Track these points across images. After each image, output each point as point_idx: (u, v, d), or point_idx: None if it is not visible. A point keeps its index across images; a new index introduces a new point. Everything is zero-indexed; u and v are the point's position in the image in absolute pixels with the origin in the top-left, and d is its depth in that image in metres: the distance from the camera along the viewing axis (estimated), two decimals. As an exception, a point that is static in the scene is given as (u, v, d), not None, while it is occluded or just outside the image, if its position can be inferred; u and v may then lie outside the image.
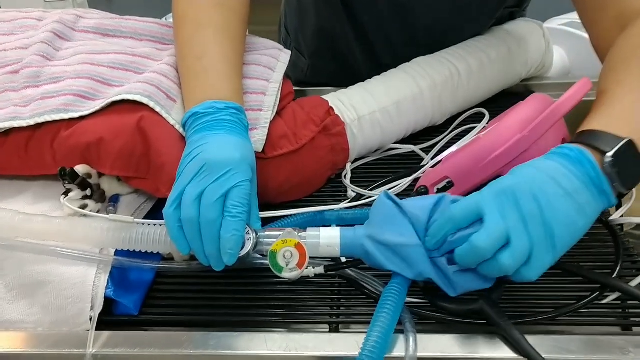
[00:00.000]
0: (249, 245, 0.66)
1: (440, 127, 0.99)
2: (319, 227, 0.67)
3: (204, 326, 0.70)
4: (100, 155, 0.74)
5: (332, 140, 0.86)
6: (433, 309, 0.67)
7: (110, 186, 0.79)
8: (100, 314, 0.66)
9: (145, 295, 0.71)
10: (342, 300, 0.72)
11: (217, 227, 0.61)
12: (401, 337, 0.63)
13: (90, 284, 0.67)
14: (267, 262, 0.62)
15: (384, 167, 0.95)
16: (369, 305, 0.71)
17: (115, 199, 0.79)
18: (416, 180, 0.87)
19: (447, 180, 0.78)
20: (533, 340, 0.59)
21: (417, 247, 0.61)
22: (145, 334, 0.66)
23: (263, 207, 0.74)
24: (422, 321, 0.67)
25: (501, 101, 1.04)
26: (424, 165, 0.88)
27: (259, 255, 0.74)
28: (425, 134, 0.98)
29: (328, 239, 0.66)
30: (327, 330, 0.69)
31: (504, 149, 0.72)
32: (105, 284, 0.68)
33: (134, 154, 0.73)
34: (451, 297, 0.63)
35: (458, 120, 0.97)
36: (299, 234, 0.67)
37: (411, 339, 0.62)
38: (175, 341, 0.65)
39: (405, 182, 0.88)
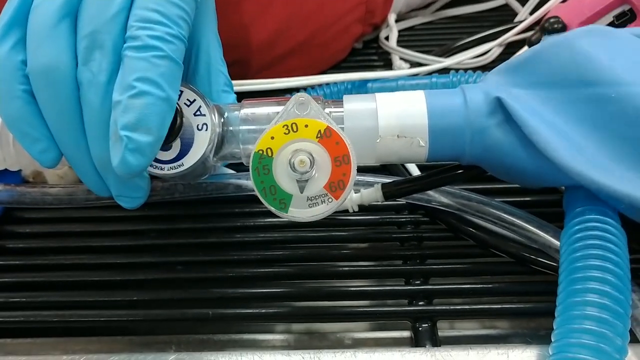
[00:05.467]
0: (203, 141, 0.27)
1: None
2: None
3: (96, 334, 0.29)
4: None
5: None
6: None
7: None
8: None
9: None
10: (429, 263, 0.31)
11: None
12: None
13: None
14: (249, 183, 0.29)
15: (445, 32, 0.57)
16: (498, 269, 0.31)
17: None
18: (512, 46, 0.50)
19: (619, 10, 0.39)
20: None
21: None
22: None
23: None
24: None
25: None
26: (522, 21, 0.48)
27: (229, 170, 0.35)
28: None
29: (399, 117, 0.26)
30: (408, 335, 0.28)
31: None
32: None
33: None
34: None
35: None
36: (327, 110, 0.27)
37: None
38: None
39: (499, 43, 0.47)
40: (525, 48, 0.43)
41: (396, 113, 0.26)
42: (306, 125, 0.25)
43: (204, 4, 0.30)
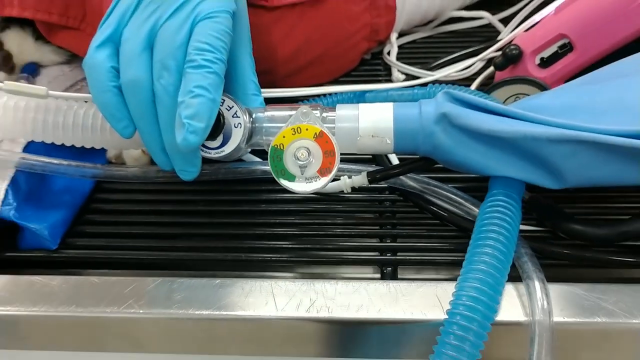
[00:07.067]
0: (238, 135, 0.38)
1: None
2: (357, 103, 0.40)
3: (167, 269, 0.43)
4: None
5: (371, -8, 0.59)
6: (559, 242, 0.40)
7: (21, 47, 0.50)
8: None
9: (73, 217, 0.46)
10: (398, 228, 0.43)
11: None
12: (512, 288, 0.36)
13: (-27, 196, 0.39)
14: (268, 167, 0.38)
15: (441, 46, 0.68)
16: (445, 234, 0.43)
17: (30, 70, 0.51)
18: (492, 61, 0.58)
19: (561, 42, 0.48)
20: None
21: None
22: (67, 280, 0.39)
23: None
24: (545, 261, 0.38)
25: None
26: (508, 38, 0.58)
27: (257, 159, 0.46)
28: (500, 1, 0.71)
29: (373, 122, 0.38)
30: (378, 276, 0.40)
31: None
32: (2, 198, 0.42)
33: None
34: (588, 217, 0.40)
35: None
36: (324, 114, 0.38)
37: (538, 291, 0.34)
38: (117, 294, 0.37)
39: (484, 56, 0.58)
40: (492, 68, 0.54)
41: (371, 118, 0.37)
42: (307, 129, 0.36)
43: (241, 34, 0.42)
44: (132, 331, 0.37)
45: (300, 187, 0.37)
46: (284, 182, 0.37)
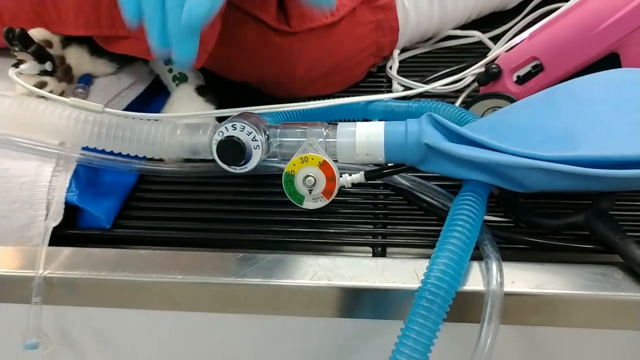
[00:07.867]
0: (258, 155, 0.48)
1: (510, 13, 0.80)
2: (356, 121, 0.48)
3: (198, 246, 0.52)
4: (57, 8, 0.55)
5: (377, 15, 0.68)
6: (519, 230, 0.49)
7: (79, 61, 0.59)
8: (59, 227, 0.51)
9: (122, 203, 0.55)
10: (389, 217, 0.52)
11: None
12: (476, 265, 0.45)
13: (44, 184, 0.51)
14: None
15: (439, 60, 0.76)
16: (427, 222, 0.52)
17: (86, 80, 0.60)
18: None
19: (534, 64, 0.57)
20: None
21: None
22: (119, 252, 0.48)
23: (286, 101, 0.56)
24: (507, 245, 0.47)
25: None
26: (493, 56, 0.66)
27: (274, 159, 0.55)
28: (492, 20, 0.80)
29: (367, 136, 0.46)
30: (370, 254, 0.49)
31: (628, 10, 0.51)
32: (67, 186, 0.52)
33: (100, 2, 0.54)
34: (544, 210, 0.48)
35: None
36: (327, 131, 0.47)
37: (494, 267, 0.42)
38: (159, 264, 0.47)
39: (470, 72, 0.66)
40: (475, 84, 0.62)
41: (365, 133, 0.46)
42: (312, 158, 0.45)
43: None
44: (171, 293, 0.46)
45: (309, 205, 0.46)
46: (295, 201, 0.46)
